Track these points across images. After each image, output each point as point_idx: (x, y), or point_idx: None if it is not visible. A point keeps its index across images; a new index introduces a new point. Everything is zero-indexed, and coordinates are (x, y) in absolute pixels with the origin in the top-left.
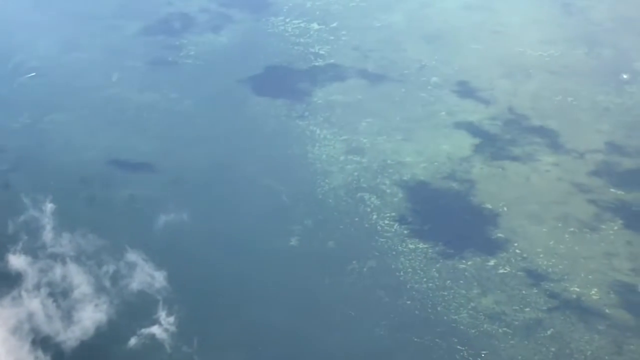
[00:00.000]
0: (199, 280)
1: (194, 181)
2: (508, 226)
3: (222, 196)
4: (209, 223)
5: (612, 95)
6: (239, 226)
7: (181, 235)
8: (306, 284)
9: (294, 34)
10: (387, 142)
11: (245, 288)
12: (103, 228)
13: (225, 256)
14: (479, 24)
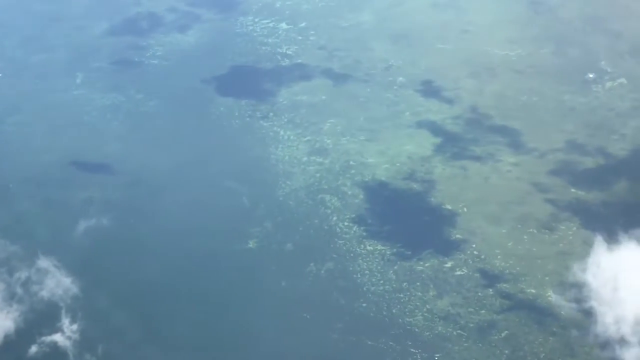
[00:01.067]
0: (142, 284)
1: (153, 183)
2: (467, 227)
3: (181, 198)
4: (164, 226)
5: (577, 94)
6: (196, 229)
7: (136, 237)
8: (262, 287)
9: (262, 33)
10: (351, 142)
11: (196, 291)
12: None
13: (175, 259)
14: (447, 23)
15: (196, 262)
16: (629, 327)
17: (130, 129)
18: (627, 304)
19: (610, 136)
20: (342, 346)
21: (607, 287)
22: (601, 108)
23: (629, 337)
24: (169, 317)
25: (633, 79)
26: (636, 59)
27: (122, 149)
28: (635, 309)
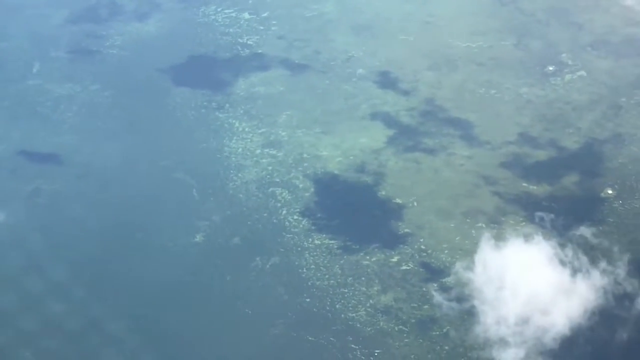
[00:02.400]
0: (84, 276)
1: (103, 175)
2: (416, 221)
3: (130, 190)
4: (111, 218)
5: (535, 87)
6: (143, 222)
7: (82, 229)
8: (206, 282)
9: (223, 23)
10: (306, 135)
11: (137, 285)
12: None
13: (119, 252)
14: (410, 14)
15: (140, 256)
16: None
17: (84, 120)
18: (510, 304)
19: (565, 130)
20: (281, 342)
21: (491, 286)
22: (558, 101)
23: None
24: (108, 310)
25: (593, 71)
26: (598, 51)
27: (74, 140)
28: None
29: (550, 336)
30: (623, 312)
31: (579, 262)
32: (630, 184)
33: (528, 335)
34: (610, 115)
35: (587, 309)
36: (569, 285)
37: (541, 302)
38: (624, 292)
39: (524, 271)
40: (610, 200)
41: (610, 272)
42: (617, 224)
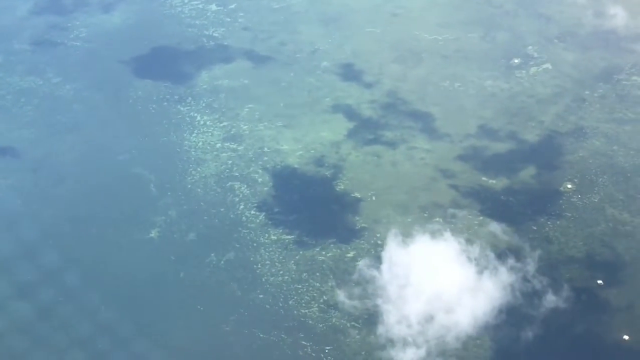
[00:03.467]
0: (37, 272)
1: (60, 169)
2: (373, 216)
3: (88, 185)
4: (67, 213)
5: (500, 80)
6: (99, 217)
7: (36, 224)
8: (159, 278)
9: (190, 15)
10: (267, 129)
11: (88, 282)
12: None
13: (73, 247)
14: (379, 6)
15: (94, 252)
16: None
17: (44, 114)
18: (413, 303)
19: (527, 123)
20: (232, 339)
21: (394, 284)
22: (522, 94)
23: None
24: (56, 306)
25: (558, 64)
26: (564, 43)
27: (32, 134)
28: (420, 308)
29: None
30: (530, 310)
31: (486, 259)
32: (590, 178)
33: (430, 335)
34: (574, 109)
35: (493, 306)
36: (475, 282)
37: (446, 301)
38: (532, 289)
39: (432, 268)
40: (569, 195)
41: (519, 269)
42: (574, 219)
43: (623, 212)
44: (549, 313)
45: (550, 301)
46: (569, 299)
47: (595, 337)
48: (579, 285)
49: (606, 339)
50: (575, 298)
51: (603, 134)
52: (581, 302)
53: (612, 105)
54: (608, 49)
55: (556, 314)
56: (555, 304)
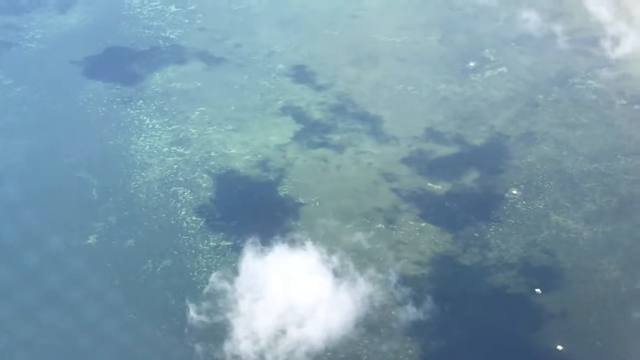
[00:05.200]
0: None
1: (4, 172)
2: (315, 222)
3: (29, 189)
4: (5, 217)
5: (454, 84)
6: (38, 222)
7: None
8: (93, 285)
9: (148, 16)
10: (216, 132)
11: (22, 288)
12: None
13: (9, 253)
14: (339, 8)
15: (32, 257)
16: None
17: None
18: (263, 317)
19: (478, 127)
20: (160, 348)
21: (246, 297)
22: (475, 98)
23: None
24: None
25: (514, 67)
26: (521, 46)
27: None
28: (271, 322)
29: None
30: (388, 322)
31: (346, 270)
32: (536, 184)
33: (280, 350)
34: (526, 113)
35: (349, 319)
36: (333, 294)
37: (300, 314)
38: (393, 301)
39: (291, 280)
40: (514, 200)
41: (379, 280)
42: (517, 225)
43: (567, 219)
44: (466, 321)
45: (469, 309)
46: (500, 306)
47: (526, 346)
48: (512, 292)
49: (538, 348)
50: (508, 305)
51: (553, 139)
52: (514, 309)
53: (564, 110)
54: (565, 52)
55: (478, 321)
56: (473, 311)
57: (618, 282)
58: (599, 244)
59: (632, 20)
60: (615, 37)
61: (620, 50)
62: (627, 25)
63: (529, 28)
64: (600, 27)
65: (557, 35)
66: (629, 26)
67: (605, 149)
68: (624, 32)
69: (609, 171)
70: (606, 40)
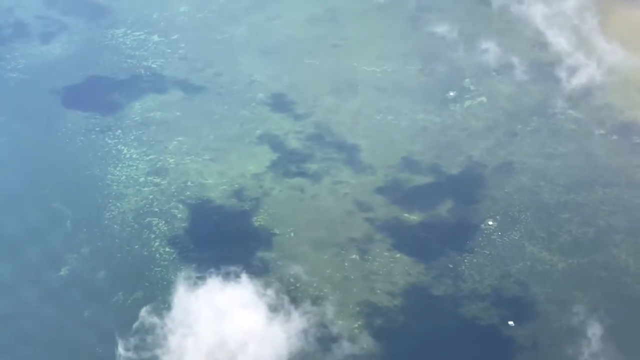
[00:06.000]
0: None
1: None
2: (290, 253)
3: (3, 220)
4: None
5: (433, 114)
6: (11, 254)
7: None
8: (61, 318)
9: (131, 46)
10: (194, 162)
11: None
12: None
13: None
14: (320, 37)
15: (3, 289)
16: None
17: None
18: (193, 353)
19: (456, 157)
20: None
21: (177, 333)
22: (454, 128)
23: None
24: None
25: (493, 97)
26: (502, 76)
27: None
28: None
29: None
30: (323, 356)
31: (281, 303)
32: (512, 215)
33: None
34: (505, 143)
35: (281, 354)
36: (265, 329)
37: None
38: (328, 335)
39: (226, 314)
40: (490, 231)
41: (316, 314)
42: (492, 256)
43: (542, 250)
44: (435, 353)
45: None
46: (471, 338)
47: None
48: (484, 324)
49: None
50: (479, 337)
51: (531, 169)
52: (485, 341)
53: (543, 140)
54: (546, 82)
55: (447, 354)
56: (442, 343)
57: (592, 315)
58: (574, 275)
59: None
60: (594, 64)
61: (599, 79)
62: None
63: (510, 57)
64: (573, 56)
65: (540, 65)
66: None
67: (582, 179)
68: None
69: (585, 202)
70: (585, 68)
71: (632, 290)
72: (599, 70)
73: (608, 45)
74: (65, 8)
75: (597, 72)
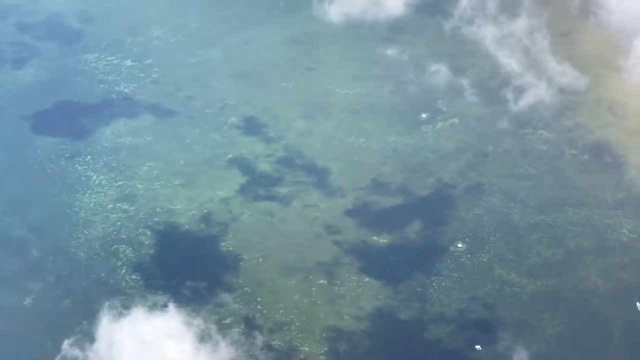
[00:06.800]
0: None
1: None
2: (258, 279)
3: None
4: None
5: (404, 136)
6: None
7: None
8: (24, 348)
9: (104, 71)
10: (163, 187)
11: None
12: None
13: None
14: (295, 60)
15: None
16: None
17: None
18: None
19: (426, 179)
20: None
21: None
22: (425, 150)
23: None
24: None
25: (465, 118)
26: (475, 97)
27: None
28: None
29: None
30: None
31: (206, 332)
32: (482, 237)
33: None
34: (475, 164)
35: None
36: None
37: None
38: None
39: (154, 344)
40: (459, 254)
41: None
42: (460, 279)
43: (511, 272)
44: None
45: None
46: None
47: None
48: (450, 347)
49: None
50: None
51: (501, 190)
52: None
53: (514, 161)
54: (518, 102)
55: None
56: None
57: (560, 338)
58: (543, 298)
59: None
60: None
61: (570, 99)
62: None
63: (483, 79)
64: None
65: (512, 85)
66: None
67: (553, 200)
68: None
69: (555, 223)
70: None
71: (601, 312)
72: (568, 90)
73: (577, 66)
74: (39, 33)
75: (567, 93)
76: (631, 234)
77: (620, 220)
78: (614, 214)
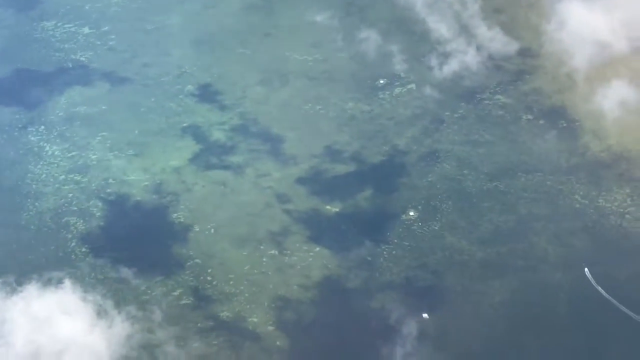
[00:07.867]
0: None
1: None
2: (209, 250)
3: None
4: None
5: (362, 102)
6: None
7: None
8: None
9: (60, 39)
10: (117, 158)
11: None
12: None
13: None
14: (254, 26)
15: None
16: None
17: None
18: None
19: (381, 147)
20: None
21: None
22: (382, 117)
23: None
24: None
25: (423, 84)
26: (433, 62)
27: None
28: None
29: None
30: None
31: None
32: (434, 204)
33: None
34: (431, 131)
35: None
36: (87, 336)
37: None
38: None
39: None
40: (410, 222)
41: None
42: (411, 248)
43: (462, 240)
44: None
45: None
46: (378, 331)
47: None
48: (396, 315)
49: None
50: (389, 328)
51: (456, 157)
52: (395, 333)
53: (470, 127)
54: (476, 66)
55: None
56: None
57: (507, 306)
58: (492, 265)
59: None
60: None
61: (529, 63)
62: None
63: (441, 43)
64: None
65: (469, 50)
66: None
67: (506, 166)
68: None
69: (508, 189)
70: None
71: (549, 279)
72: (529, 53)
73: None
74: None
75: (528, 55)
76: (583, 200)
77: (572, 186)
78: (566, 179)
